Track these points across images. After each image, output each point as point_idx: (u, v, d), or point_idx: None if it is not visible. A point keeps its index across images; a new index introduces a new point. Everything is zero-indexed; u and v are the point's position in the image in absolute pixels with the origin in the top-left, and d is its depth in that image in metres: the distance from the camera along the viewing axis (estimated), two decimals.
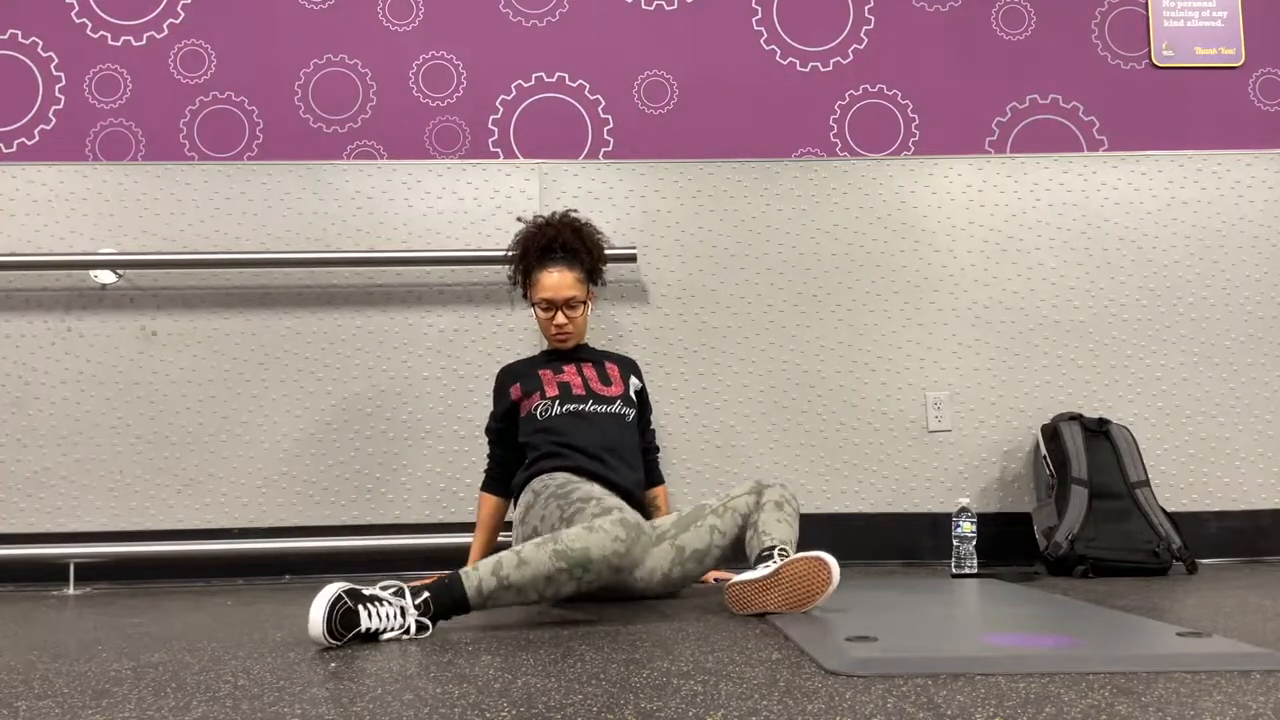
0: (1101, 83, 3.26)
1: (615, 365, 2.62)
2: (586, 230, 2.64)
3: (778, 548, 2.04)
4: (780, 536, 2.11)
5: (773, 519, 2.17)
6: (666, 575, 2.25)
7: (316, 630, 1.62)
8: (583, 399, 2.49)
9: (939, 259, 3.13)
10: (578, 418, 2.45)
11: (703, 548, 2.25)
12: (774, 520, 2.16)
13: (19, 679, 1.42)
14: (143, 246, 3.03)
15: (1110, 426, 2.90)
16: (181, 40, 3.16)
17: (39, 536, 2.91)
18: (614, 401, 2.51)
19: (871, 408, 3.08)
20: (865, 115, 3.22)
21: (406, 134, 3.16)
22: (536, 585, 1.81)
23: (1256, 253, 3.15)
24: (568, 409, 2.46)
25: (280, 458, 2.98)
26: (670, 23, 3.23)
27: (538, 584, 1.81)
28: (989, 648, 1.45)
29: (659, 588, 2.27)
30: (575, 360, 2.59)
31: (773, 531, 2.13)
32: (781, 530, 2.14)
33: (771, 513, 2.19)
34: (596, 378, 2.55)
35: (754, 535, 2.16)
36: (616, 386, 2.54)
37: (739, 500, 2.27)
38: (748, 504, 2.26)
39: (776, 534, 2.12)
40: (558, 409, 2.47)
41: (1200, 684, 1.24)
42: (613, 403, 2.50)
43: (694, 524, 2.27)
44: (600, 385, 2.53)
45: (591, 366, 2.58)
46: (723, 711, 1.13)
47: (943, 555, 2.96)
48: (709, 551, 2.26)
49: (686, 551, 2.25)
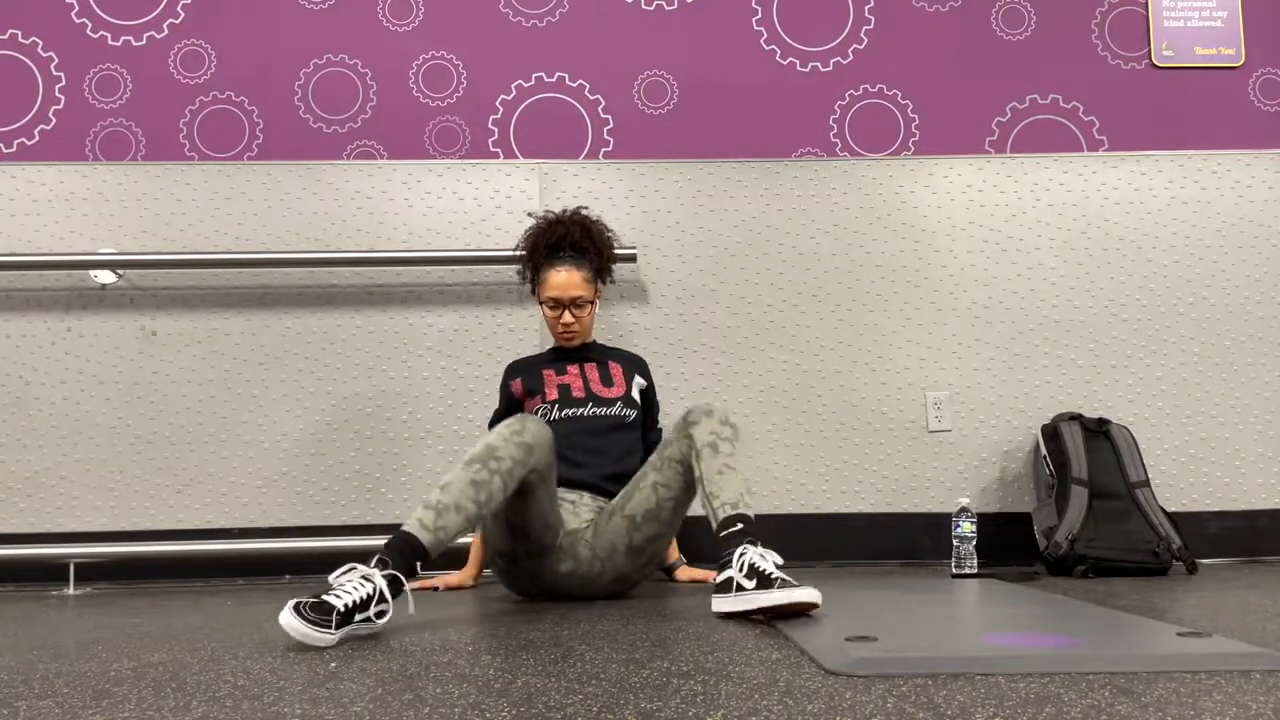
0: (1101, 83, 3.26)
1: (620, 365, 2.60)
2: (596, 229, 2.63)
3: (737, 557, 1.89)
4: (729, 498, 2.01)
5: (714, 470, 2.06)
6: (629, 545, 2.23)
7: (299, 628, 1.61)
8: (582, 402, 2.48)
9: (939, 259, 3.13)
10: (574, 422, 2.45)
11: (652, 507, 2.21)
12: (716, 472, 2.06)
13: (19, 679, 1.42)
14: (143, 246, 3.03)
15: (1110, 426, 2.90)
16: (181, 40, 3.16)
17: (39, 536, 2.91)
18: (614, 403, 2.50)
19: (871, 408, 3.08)
20: (865, 115, 3.23)
21: (406, 134, 3.16)
22: (466, 494, 1.91)
23: (1256, 253, 3.15)
24: (566, 413, 2.47)
25: (280, 458, 2.98)
26: (670, 23, 3.23)
27: (466, 493, 1.91)
28: (989, 648, 1.45)
29: (627, 562, 2.24)
30: (580, 359, 2.59)
31: (722, 494, 2.03)
32: (729, 486, 2.03)
33: (711, 461, 2.07)
34: (599, 379, 2.55)
35: (705, 498, 2.07)
36: (618, 388, 2.54)
37: (673, 448, 2.19)
38: (682, 450, 2.17)
39: (726, 495, 2.02)
40: (556, 413, 2.47)
41: (1200, 684, 1.24)
42: (613, 404, 2.50)
43: (637, 489, 2.24)
44: (601, 386, 2.53)
45: (595, 366, 2.57)
46: (723, 711, 1.13)
47: (943, 555, 2.96)
48: (660, 509, 2.21)
49: (638, 517, 2.22)
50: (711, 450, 2.10)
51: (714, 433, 2.12)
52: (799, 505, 3.03)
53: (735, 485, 2.05)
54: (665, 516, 2.23)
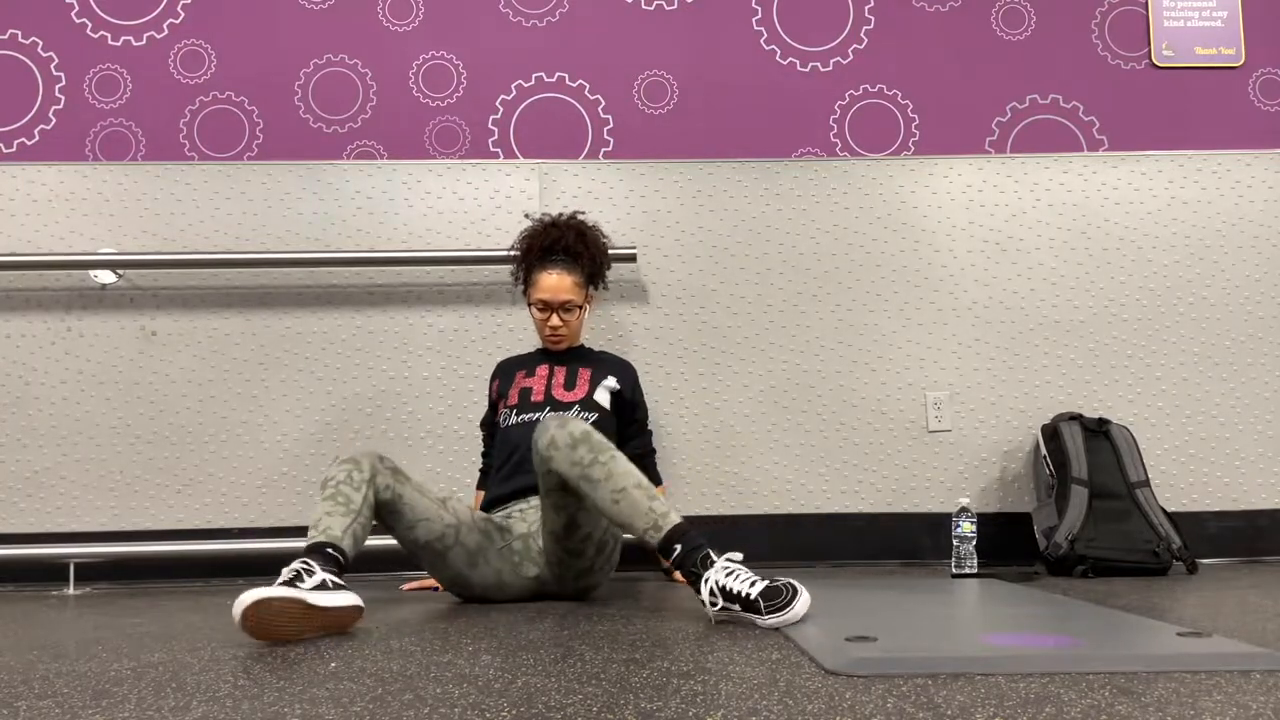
0: (1101, 83, 3.26)
1: (590, 369, 2.58)
2: (591, 234, 2.64)
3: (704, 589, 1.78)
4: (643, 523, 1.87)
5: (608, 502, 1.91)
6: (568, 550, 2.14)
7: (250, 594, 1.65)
8: (539, 406, 2.48)
9: (939, 259, 3.13)
10: (527, 428, 2.44)
11: (566, 522, 2.10)
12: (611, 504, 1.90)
13: (19, 679, 1.42)
14: (143, 246, 3.03)
15: (1110, 426, 2.90)
16: (181, 40, 3.16)
17: (39, 536, 2.91)
18: (570, 407, 2.48)
19: (871, 408, 3.08)
20: (865, 115, 3.22)
21: (406, 134, 3.16)
22: (330, 505, 1.97)
23: (1256, 253, 3.15)
24: (522, 419, 2.47)
25: (280, 458, 2.98)
26: (670, 23, 3.23)
27: (327, 506, 1.97)
28: (989, 648, 1.45)
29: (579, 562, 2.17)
30: (556, 362, 2.60)
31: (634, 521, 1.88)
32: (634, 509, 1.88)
33: (595, 494, 1.92)
34: (563, 383, 2.54)
35: (621, 530, 1.99)
36: (579, 391, 2.53)
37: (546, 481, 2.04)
38: (553, 483, 2.02)
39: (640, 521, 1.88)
40: (514, 419, 2.49)
41: (1200, 684, 1.24)
42: (569, 409, 2.48)
43: (545, 511, 2.12)
44: (562, 391, 2.52)
45: (564, 371, 2.57)
46: (723, 711, 1.13)
47: (943, 555, 2.96)
48: (574, 520, 2.10)
49: (559, 533, 2.12)
50: (587, 483, 1.94)
51: (575, 463, 1.95)
52: (799, 505, 3.03)
53: (639, 506, 1.90)
54: (585, 520, 2.12)
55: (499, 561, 2.21)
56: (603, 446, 1.96)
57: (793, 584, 1.75)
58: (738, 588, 1.76)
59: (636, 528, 1.90)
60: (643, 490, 1.93)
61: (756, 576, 1.77)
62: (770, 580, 1.76)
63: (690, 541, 1.86)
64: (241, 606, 1.63)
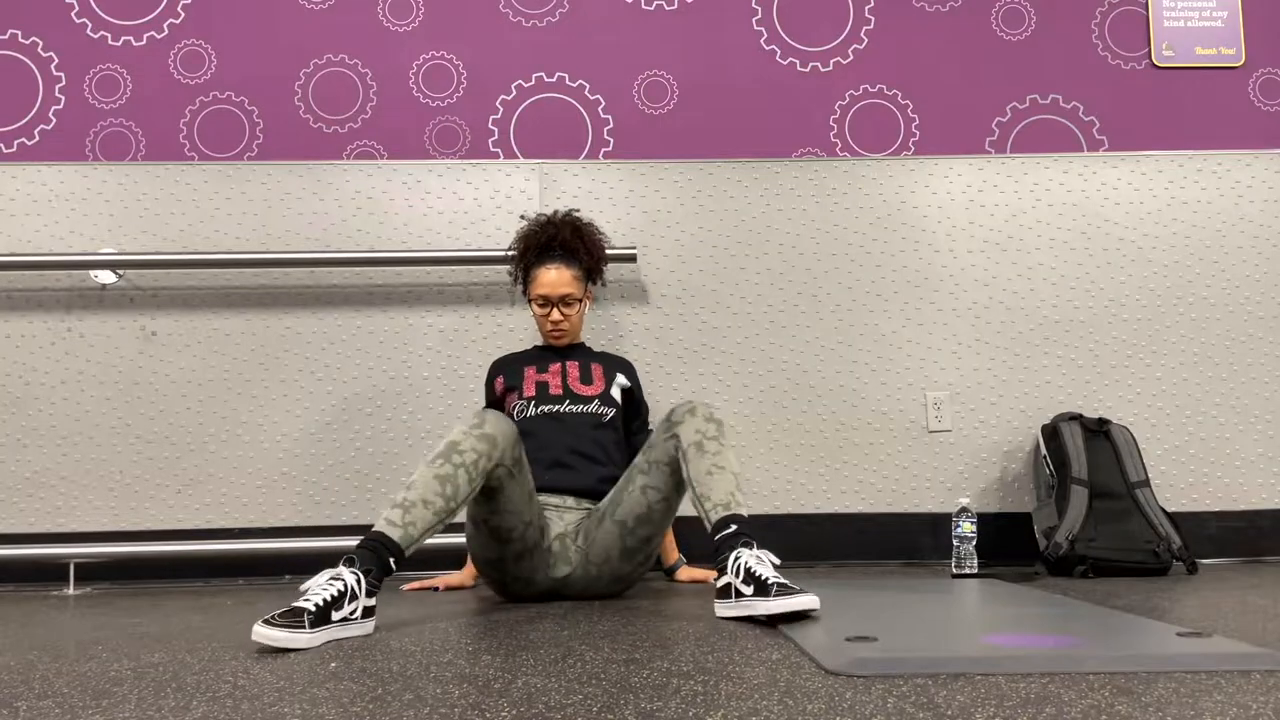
0: (1101, 83, 3.26)
1: (601, 365, 2.61)
2: (587, 230, 2.65)
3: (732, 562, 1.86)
4: (720, 499, 1.99)
5: (702, 471, 2.03)
6: (624, 549, 2.22)
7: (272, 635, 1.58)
8: (559, 399, 2.49)
9: (939, 259, 3.13)
10: (551, 419, 2.45)
11: (643, 511, 2.19)
12: (705, 473, 2.03)
13: (19, 679, 1.42)
14: (143, 246, 3.03)
15: (1110, 426, 2.90)
16: (181, 40, 3.16)
17: (39, 536, 2.91)
18: (591, 401, 2.50)
19: (871, 408, 3.08)
20: (865, 115, 3.23)
21: (406, 134, 3.16)
22: (432, 489, 1.90)
23: (1256, 253, 3.15)
24: (542, 410, 2.47)
25: (280, 458, 2.98)
26: (670, 23, 3.23)
27: (432, 487, 1.90)
28: (989, 648, 1.45)
29: (623, 565, 2.24)
30: (563, 358, 2.60)
31: (712, 495, 2.00)
32: (719, 486, 2.00)
33: (698, 462, 2.04)
34: (578, 376, 2.55)
35: (695, 500, 2.03)
36: (597, 385, 2.54)
37: (658, 449, 2.17)
38: (669, 451, 2.14)
39: (717, 496, 1.99)
40: (533, 410, 2.48)
41: (1200, 684, 1.24)
42: (590, 402, 2.49)
43: (626, 493, 2.22)
44: (580, 384, 2.53)
45: (577, 365, 2.58)
46: (723, 711, 1.13)
47: (943, 555, 2.96)
48: (651, 512, 2.19)
49: (629, 522, 2.20)
50: (698, 450, 2.07)
51: (700, 431, 2.09)
52: (799, 505, 3.03)
53: (725, 485, 2.02)
54: (657, 518, 2.21)
55: (539, 558, 2.22)
56: (726, 434, 2.11)
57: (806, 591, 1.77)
58: (760, 571, 1.81)
59: (712, 498, 1.99)
60: (735, 479, 2.04)
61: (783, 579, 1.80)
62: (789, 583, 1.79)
63: (745, 527, 1.94)
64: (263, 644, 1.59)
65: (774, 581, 1.77)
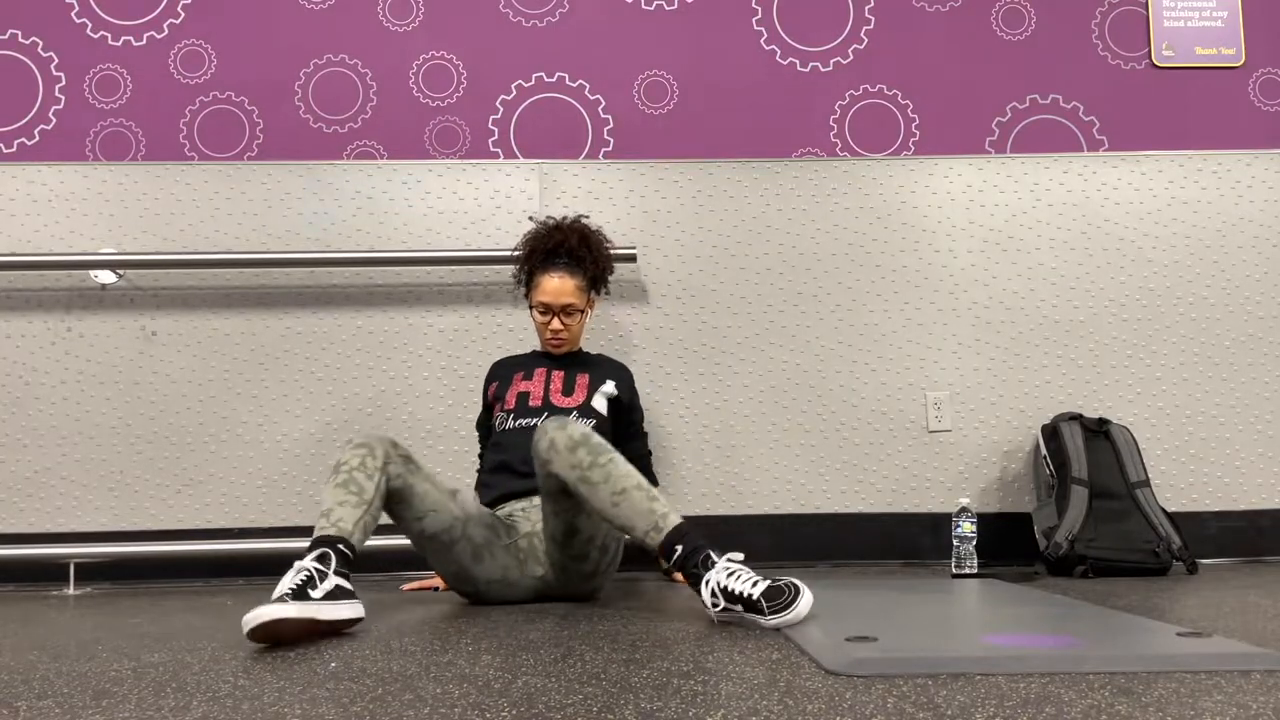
0: (1101, 83, 3.26)
1: (589, 374, 2.58)
2: (594, 239, 2.64)
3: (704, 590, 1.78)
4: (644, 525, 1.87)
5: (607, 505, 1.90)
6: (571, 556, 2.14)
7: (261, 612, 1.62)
8: (536, 411, 2.47)
9: (939, 259, 3.13)
10: (524, 432, 2.44)
11: (565, 527, 2.11)
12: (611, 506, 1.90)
13: (19, 679, 1.42)
14: (143, 246, 3.03)
15: (1110, 426, 2.90)
16: (181, 40, 3.16)
17: (39, 536, 2.91)
18: (568, 414, 2.47)
19: (871, 408, 3.08)
20: (865, 115, 3.23)
21: (406, 134, 3.16)
22: (340, 496, 1.93)
23: (1256, 253, 3.15)
24: (519, 424, 2.46)
25: (280, 458, 2.98)
26: (670, 23, 3.23)
27: (338, 495, 1.93)
28: (989, 648, 1.45)
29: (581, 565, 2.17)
30: (553, 366, 2.59)
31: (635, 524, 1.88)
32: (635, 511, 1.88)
33: (595, 497, 1.91)
34: (560, 388, 2.53)
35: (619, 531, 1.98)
36: (577, 397, 2.52)
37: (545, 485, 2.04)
38: (557, 485, 2.00)
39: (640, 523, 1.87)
40: (510, 423, 2.48)
41: (1200, 684, 1.24)
42: (567, 414, 2.47)
43: (545, 515, 2.14)
44: (560, 396, 2.52)
45: (562, 375, 2.56)
46: (723, 711, 1.13)
47: (943, 555, 2.96)
48: (574, 525, 2.10)
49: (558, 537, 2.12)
50: (586, 485, 1.93)
51: (574, 466, 1.94)
52: (799, 505, 3.03)
53: (639, 506, 1.89)
54: (585, 524, 2.11)
55: (505, 558, 2.20)
56: (601, 449, 1.95)
57: (795, 583, 1.74)
58: (739, 588, 1.75)
59: (637, 529, 1.89)
60: (643, 491, 1.91)
61: (758, 576, 1.77)
62: (772, 580, 1.75)
63: (691, 542, 1.85)
64: (256, 623, 1.61)
65: (759, 597, 1.72)
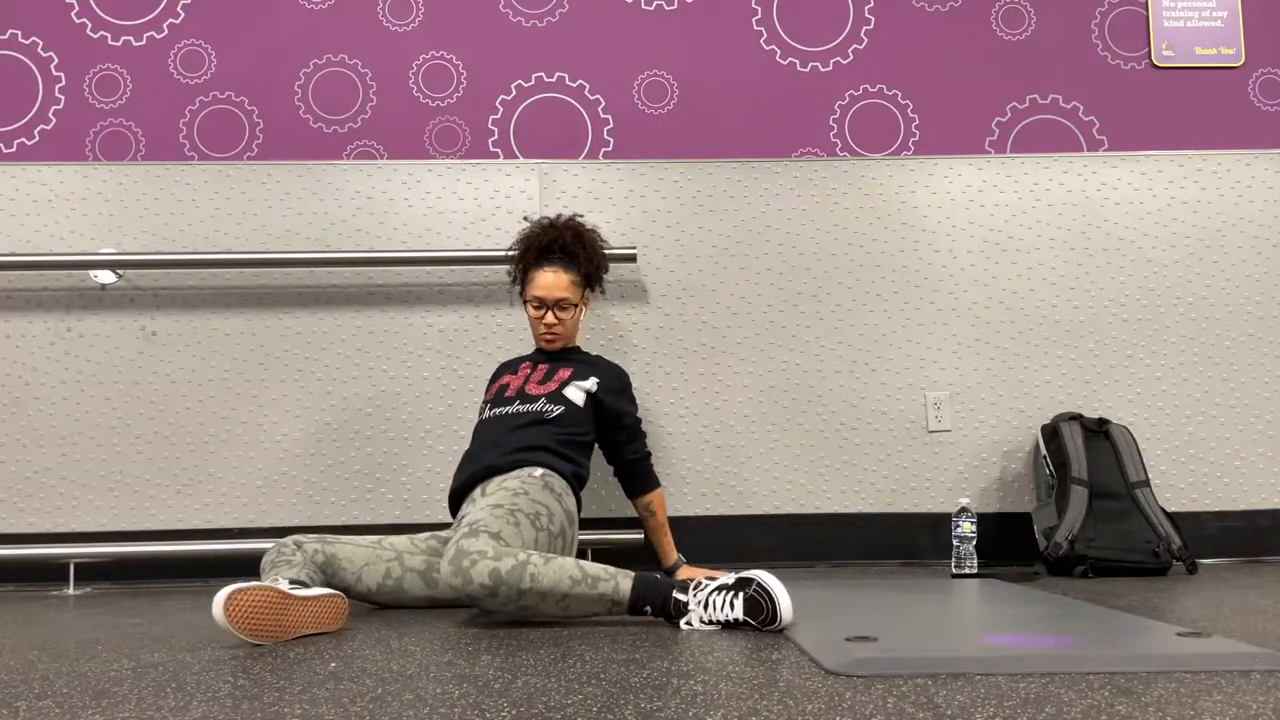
0: (1101, 83, 3.26)
1: (572, 369, 2.54)
2: (589, 236, 2.65)
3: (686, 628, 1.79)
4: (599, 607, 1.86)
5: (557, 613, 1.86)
6: None
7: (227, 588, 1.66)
8: (509, 400, 2.48)
9: (939, 259, 3.13)
10: (491, 421, 2.46)
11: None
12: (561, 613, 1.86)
13: (19, 679, 1.42)
14: (143, 246, 3.03)
15: (1110, 426, 2.90)
16: (181, 40, 3.16)
17: (39, 536, 2.91)
18: (537, 400, 2.46)
19: (871, 408, 3.08)
20: (865, 115, 3.22)
21: (406, 134, 3.16)
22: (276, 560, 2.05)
23: (1256, 253, 3.15)
24: (493, 413, 2.48)
25: (280, 458, 2.98)
26: (670, 23, 3.23)
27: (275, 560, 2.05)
28: (989, 648, 1.45)
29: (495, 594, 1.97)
30: (540, 360, 2.60)
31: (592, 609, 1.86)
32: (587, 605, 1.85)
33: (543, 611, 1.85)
34: (539, 379, 2.53)
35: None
36: (550, 386, 2.51)
37: None
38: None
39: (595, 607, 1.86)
40: (485, 414, 2.50)
41: (1200, 684, 1.24)
42: (535, 400, 2.46)
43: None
44: (535, 386, 2.51)
45: (545, 368, 2.56)
46: (723, 711, 1.13)
47: (943, 555, 2.96)
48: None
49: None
50: (529, 612, 1.87)
51: (505, 604, 1.83)
52: (799, 505, 3.03)
53: (588, 595, 1.84)
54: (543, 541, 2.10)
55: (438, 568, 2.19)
56: (513, 573, 1.80)
57: (765, 587, 1.72)
58: (720, 617, 1.76)
59: (600, 613, 1.88)
60: (579, 577, 1.84)
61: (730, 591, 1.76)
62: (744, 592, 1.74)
63: (653, 595, 1.84)
64: (220, 601, 1.64)
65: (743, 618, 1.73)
